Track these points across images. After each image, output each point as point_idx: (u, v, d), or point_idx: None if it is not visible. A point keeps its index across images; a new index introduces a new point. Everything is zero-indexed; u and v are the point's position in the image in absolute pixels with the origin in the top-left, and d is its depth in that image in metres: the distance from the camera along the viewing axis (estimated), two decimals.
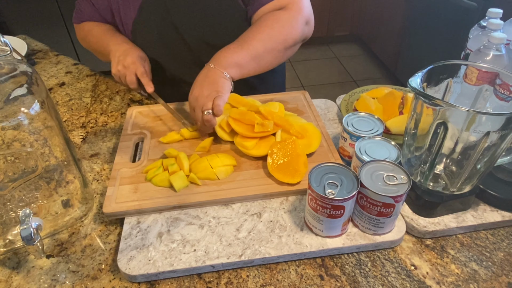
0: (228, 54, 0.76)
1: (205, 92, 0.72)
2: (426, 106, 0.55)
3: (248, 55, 0.76)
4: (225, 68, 0.74)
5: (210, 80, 0.73)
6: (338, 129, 0.86)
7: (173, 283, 0.57)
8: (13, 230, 0.59)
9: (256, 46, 0.77)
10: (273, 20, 0.79)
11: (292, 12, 0.81)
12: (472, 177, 0.59)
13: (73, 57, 1.47)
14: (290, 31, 0.80)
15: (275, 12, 0.81)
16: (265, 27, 0.78)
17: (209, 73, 0.74)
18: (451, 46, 2.11)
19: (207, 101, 0.71)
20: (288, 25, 0.79)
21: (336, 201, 0.54)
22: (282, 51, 0.80)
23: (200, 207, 0.66)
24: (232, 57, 0.75)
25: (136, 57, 0.84)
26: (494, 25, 0.75)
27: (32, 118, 0.55)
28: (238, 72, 0.76)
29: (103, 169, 0.78)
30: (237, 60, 0.75)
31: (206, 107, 0.70)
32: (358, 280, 0.56)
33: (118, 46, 0.87)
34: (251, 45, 0.76)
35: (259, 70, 0.80)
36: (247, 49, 0.76)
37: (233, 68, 0.75)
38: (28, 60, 1.23)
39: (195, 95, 0.73)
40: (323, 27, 3.28)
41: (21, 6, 2.36)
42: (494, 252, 0.60)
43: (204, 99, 0.71)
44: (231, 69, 0.75)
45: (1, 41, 0.56)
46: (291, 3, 0.82)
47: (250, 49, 0.76)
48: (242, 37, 0.78)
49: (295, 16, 0.81)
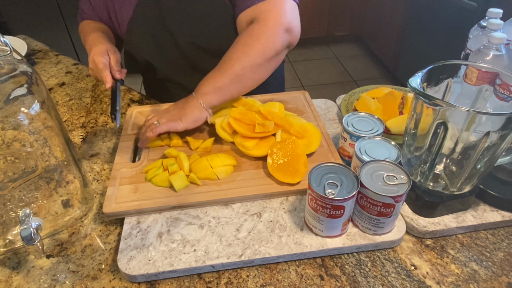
0: (208, 81, 0.76)
1: (173, 111, 0.77)
2: (426, 106, 0.55)
3: (227, 77, 0.75)
4: (202, 97, 0.75)
5: (183, 106, 0.77)
6: (338, 129, 0.86)
7: (173, 283, 0.57)
8: (13, 230, 0.59)
9: (233, 67, 0.75)
10: (247, 36, 0.77)
11: (267, 22, 0.76)
12: (472, 177, 0.59)
13: (73, 57, 1.47)
14: (267, 42, 0.76)
15: (250, 27, 0.78)
16: (240, 45, 0.77)
17: (188, 100, 0.77)
18: (451, 46, 2.11)
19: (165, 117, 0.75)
20: (264, 37, 0.76)
21: (336, 201, 0.54)
22: (263, 64, 0.78)
23: (200, 207, 0.66)
24: (210, 84, 0.75)
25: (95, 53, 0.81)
26: (494, 25, 0.75)
27: (32, 118, 0.55)
28: (219, 97, 0.76)
29: (103, 169, 0.78)
30: (216, 85, 0.75)
31: (159, 119, 0.75)
32: (358, 280, 0.56)
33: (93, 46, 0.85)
34: (228, 67, 0.75)
35: (243, 90, 0.80)
36: (224, 72, 0.75)
37: (211, 95, 0.75)
38: (28, 60, 1.23)
39: (165, 109, 0.78)
40: (323, 27, 3.28)
41: (21, 6, 2.36)
42: (494, 252, 0.60)
43: (165, 115, 0.76)
44: (210, 95, 0.75)
45: (1, 41, 0.56)
46: (267, 10, 0.77)
47: (228, 71, 0.75)
48: (221, 61, 0.77)
49: (270, 27, 0.76)
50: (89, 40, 0.88)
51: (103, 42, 0.84)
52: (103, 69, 0.78)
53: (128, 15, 0.89)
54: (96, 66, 0.79)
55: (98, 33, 0.90)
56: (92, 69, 0.81)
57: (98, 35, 0.88)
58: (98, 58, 0.79)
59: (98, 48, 0.81)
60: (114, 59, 0.82)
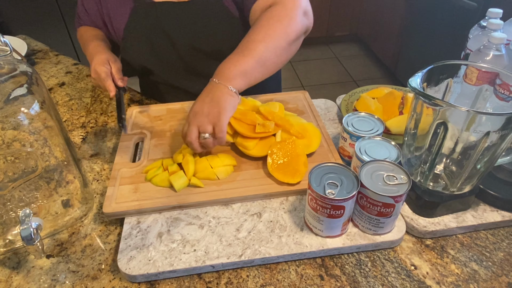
0: (231, 64, 0.71)
1: (206, 109, 0.67)
2: (426, 106, 0.55)
3: (252, 60, 0.72)
4: (230, 81, 0.69)
5: (213, 97, 0.68)
6: (338, 129, 0.86)
7: (173, 283, 0.57)
8: (13, 230, 0.59)
9: (257, 49, 0.72)
10: (269, 18, 0.75)
11: (286, 5, 0.76)
12: (472, 177, 0.59)
13: (73, 57, 1.47)
14: (290, 24, 0.75)
15: (268, 10, 0.77)
16: (262, 26, 0.74)
17: (213, 89, 0.69)
18: (451, 46, 2.11)
19: (206, 123, 0.66)
20: (286, 19, 0.75)
21: (336, 201, 0.54)
22: (286, 47, 0.76)
23: (200, 207, 0.66)
24: (236, 67, 0.70)
25: (97, 63, 0.80)
26: (494, 25, 0.75)
27: (32, 118, 0.55)
28: (245, 81, 0.71)
29: (103, 169, 0.78)
30: (242, 68, 0.70)
31: (204, 130, 0.66)
32: (358, 280, 0.56)
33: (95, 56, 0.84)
34: (253, 49, 0.72)
35: (266, 74, 0.76)
36: (249, 54, 0.72)
37: (238, 79, 0.70)
38: (28, 60, 1.23)
39: (195, 111, 0.68)
40: (323, 27, 3.28)
41: (21, 6, 2.36)
42: (494, 252, 0.60)
43: (203, 119, 0.67)
44: (237, 80, 0.70)
45: (1, 41, 0.55)
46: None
47: (252, 54, 0.72)
48: (242, 44, 0.74)
49: (291, 9, 0.76)
50: (89, 49, 0.87)
51: (104, 52, 0.84)
52: (106, 78, 0.78)
53: (124, 21, 0.89)
54: (98, 76, 0.79)
55: (98, 42, 0.89)
56: (95, 78, 0.81)
57: (97, 44, 0.88)
58: (99, 67, 0.79)
59: (99, 58, 0.81)
60: (116, 67, 0.81)
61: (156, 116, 0.87)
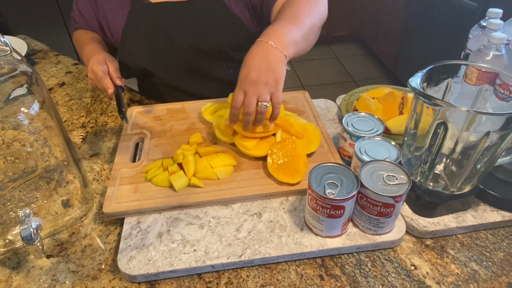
0: (286, 30, 0.67)
1: (264, 78, 0.64)
2: (426, 106, 0.55)
3: (301, 32, 0.69)
4: (286, 48, 0.65)
5: (270, 64, 0.64)
6: (338, 129, 0.86)
7: (173, 283, 0.57)
8: (13, 230, 0.59)
9: (305, 22, 0.70)
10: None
11: None
12: (472, 177, 0.59)
13: (73, 57, 1.47)
14: (324, 6, 0.76)
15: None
16: (304, 2, 0.73)
17: (269, 55, 0.64)
18: (451, 46, 2.11)
19: (265, 92, 0.64)
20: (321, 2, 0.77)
21: (336, 201, 0.54)
22: (319, 28, 0.76)
23: (200, 207, 0.66)
24: (290, 35, 0.67)
25: (93, 63, 0.79)
26: (494, 25, 0.75)
27: (32, 118, 0.55)
28: (294, 51, 0.68)
29: (103, 169, 0.78)
30: (294, 37, 0.67)
31: (264, 99, 0.64)
32: (358, 280, 0.56)
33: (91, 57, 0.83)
34: (302, 21, 0.70)
35: (304, 50, 0.74)
36: (299, 25, 0.69)
37: (292, 47, 0.67)
38: (28, 60, 1.23)
39: (253, 79, 0.64)
40: (323, 27, 3.24)
41: (21, 6, 2.35)
42: (494, 252, 0.60)
43: (262, 88, 0.64)
44: (291, 48, 0.66)
45: (1, 41, 0.56)
46: None
47: (301, 25, 0.69)
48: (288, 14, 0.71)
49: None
50: (85, 51, 0.87)
51: (100, 52, 0.83)
52: (103, 76, 0.77)
53: (122, 24, 0.88)
54: (95, 75, 0.78)
55: (94, 43, 0.89)
56: (92, 78, 0.80)
57: (94, 46, 0.87)
58: (96, 67, 0.78)
59: (96, 58, 0.80)
60: (113, 67, 0.80)
61: (156, 116, 0.87)
